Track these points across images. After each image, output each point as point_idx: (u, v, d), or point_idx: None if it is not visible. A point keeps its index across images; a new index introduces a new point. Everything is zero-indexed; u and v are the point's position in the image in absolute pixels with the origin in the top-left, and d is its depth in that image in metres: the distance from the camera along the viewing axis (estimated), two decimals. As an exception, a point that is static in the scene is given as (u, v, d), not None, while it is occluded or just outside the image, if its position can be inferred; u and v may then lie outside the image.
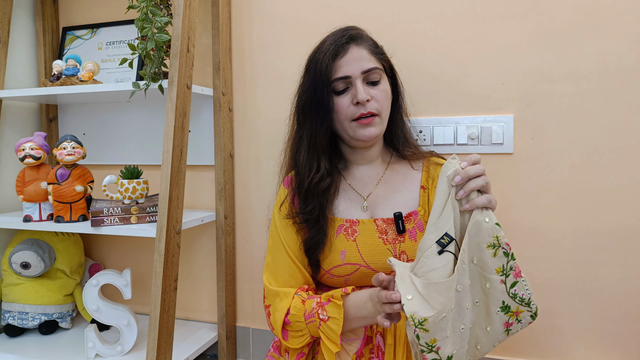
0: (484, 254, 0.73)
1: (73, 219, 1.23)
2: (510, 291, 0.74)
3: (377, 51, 0.94)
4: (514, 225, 1.14)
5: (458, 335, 0.73)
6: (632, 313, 1.08)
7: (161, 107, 1.44)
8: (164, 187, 1.09)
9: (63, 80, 1.29)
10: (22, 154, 1.25)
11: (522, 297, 0.75)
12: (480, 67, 1.14)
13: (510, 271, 0.74)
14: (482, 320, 0.76)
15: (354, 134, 0.91)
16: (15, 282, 1.35)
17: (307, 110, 0.94)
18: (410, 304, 0.69)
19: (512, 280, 0.74)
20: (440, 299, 0.70)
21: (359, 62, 0.90)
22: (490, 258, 0.73)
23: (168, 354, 1.10)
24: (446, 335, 0.71)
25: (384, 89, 0.92)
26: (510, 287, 0.74)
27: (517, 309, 0.75)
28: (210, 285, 1.44)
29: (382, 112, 0.91)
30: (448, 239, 0.72)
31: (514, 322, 0.76)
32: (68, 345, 1.31)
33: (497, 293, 0.74)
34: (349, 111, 0.90)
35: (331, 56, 0.90)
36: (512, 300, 0.75)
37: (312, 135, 0.93)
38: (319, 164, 0.93)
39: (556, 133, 1.10)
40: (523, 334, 1.15)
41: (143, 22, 1.12)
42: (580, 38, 1.07)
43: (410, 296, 0.70)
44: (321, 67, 0.90)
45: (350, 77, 0.90)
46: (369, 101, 0.89)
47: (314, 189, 0.92)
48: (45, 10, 1.51)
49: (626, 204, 1.07)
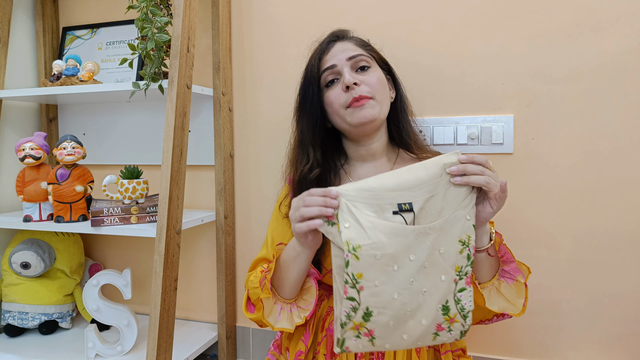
0: (453, 246, 0.72)
1: (73, 219, 1.23)
2: (457, 295, 0.73)
3: (364, 44, 0.97)
4: (514, 225, 1.14)
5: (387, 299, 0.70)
6: (632, 313, 1.08)
7: (161, 107, 1.44)
8: (164, 187, 1.09)
9: (63, 80, 1.29)
10: (22, 154, 1.25)
11: (463, 306, 0.74)
12: (480, 67, 1.14)
13: (465, 276, 0.73)
14: (421, 310, 0.72)
15: (351, 120, 0.90)
16: (15, 282, 1.35)
17: (299, 109, 0.98)
18: (347, 231, 0.69)
19: (463, 285, 0.73)
20: (380, 235, 0.69)
21: (344, 52, 0.93)
22: (457, 254, 0.73)
23: (168, 354, 1.10)
24: (374, 284, 0.69)
25: (375, 75, 0.92)
26: (458, 290, 0.73)
27: (454, 315, 0.74)
28: (210, 285, 1.44)
29: (376, 95, 0.90)
30: (408, 207, 0.71)
31: (445, 328, 0.74)
32: (68, 345, 1.31)
33: (447, 290, 0.73)
34: (342, 98, 0.90)
35: (318, 56, 0.95)
36: (454, 304, 0.73)
37: (302, 131, 0.96)
38: (308, 155, 0.94)
39: (556, 133, 1.10)
40: (523, 334, 1.15)
41: (143, 22, 1.12)
42: (580, 38, 1.07)
43: (348, 224, 0.70)
44: (310, 67, 0.95)
45: (337, 66, 0.91)
46: (358, 85, 0.89)
47: (304, 180, 0.93)
48: (45, 10, 1.51)
49: (626, 204, 1.07)
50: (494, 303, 0.83)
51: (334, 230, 0.71)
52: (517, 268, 0.83)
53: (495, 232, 0.82)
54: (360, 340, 0.72)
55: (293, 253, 0.83)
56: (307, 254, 0.82)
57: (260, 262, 0.95)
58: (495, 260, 0.83)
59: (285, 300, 0.87)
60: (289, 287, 0.85)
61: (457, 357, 0.94)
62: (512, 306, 0.83)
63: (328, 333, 0.91)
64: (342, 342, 0.72)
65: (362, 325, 0.71)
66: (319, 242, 0.80)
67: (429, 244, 0.71)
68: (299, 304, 0.87)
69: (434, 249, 0.72)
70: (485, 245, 0.80)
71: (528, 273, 0.83)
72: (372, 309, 0.70)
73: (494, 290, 0.83)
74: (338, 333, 0.72)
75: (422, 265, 0.71)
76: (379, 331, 0.71)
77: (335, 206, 0.71)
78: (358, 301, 0.69)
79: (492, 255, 0.82)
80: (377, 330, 0.71)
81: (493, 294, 0.83)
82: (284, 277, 0.85)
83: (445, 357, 0.91)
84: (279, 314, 0.86)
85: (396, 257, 0.70)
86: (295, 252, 0.82)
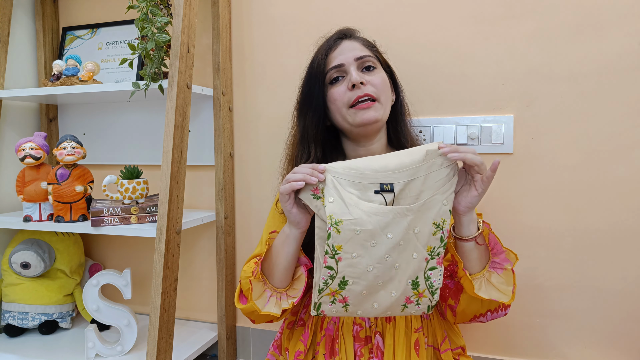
0: (427, 227, 0.76)
1: (73, 219, 1.23)
2: (427, 273, 0.78)
3: (370, 45, 0.97)
4: (513, 225, 1.14)
5: (362, 270, 0.76)
6: (632, 313, 1.08)
7: (161, 107, 1.44)
8: (164, 187, 1.09)
9: (63, 80, 1.29)
10: (22, 154, 1.25)
11: (432, 283, 0.79)
12: (480, 67, 1.14)
13: (436, 256, 0.78)
14: (392, 283, 0.78)
15: (353, 120, 0.90)
16: (15, 282, 1.35)
17: (301, 106, 0.97)
18: (331, 206, 0.74)
19: (433, 264, 0.78)
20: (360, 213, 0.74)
21: (351, 51, 0.92)
22: (430, 235, 0.77)
23: (168, 354, 1.10)
24: (352, 256, 0.74)
25: (380, 76, 0.92)
26: (428, 269, 0.78)
27: (423, 291, 0.79)
28: (210, 285, 1.44)
29: (381, 97, 0.91)
30: (389, 188, 0.76)
31: (414, 302, 0.80)
32: (68, 345, 1.31)
33: (417, 267, 0.78)
34: (346, 97, 0.90)
35: (325, 52, 0.94)
36: (424, 281, 0.79)
37: (304, 127, 0.95)
38: (309, 152, 0.94)
39: (556, 133, 1.10)
40: (523, 333, 1.15)
41: (143, 22, 1.12)
42: (580, 38, 1.07)
43: (332, 199, 0.75)
44: (316, 63, 0.94)
45: (344, 65, 0.91)
46: (365, 85, 0.89)
47: None
48: (45, 10, 1.51)
49: (626, 203, 1.07)
50: (484, 292, 0.83)
51: (319, 203, 0.77)
52: (506, 257, 0.84)
53: (483, 222, 0.83)
54: (335, 306, 0.78)
55: (283, 236, 0.85)
56: (296, 235, 0.83)
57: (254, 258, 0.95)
58: (484, 249, 0.84)
59: (276, 288, 0.87)
60: (279, 273, 0.86)
61: (457, 356, 0.94)
62: (502, 295, 0.83)
63: (327, 332, 0.91)
64: (318, 306, 0.78)
65: (337, 292, 0.77)
66: (307, 221, 0.83)
67: (406, 224, 0.76)
68: (290, 293, 0.88)
69: (410, 228, 0.76)
70: (474, 234, 0.81)
71: (515, 260, 0.84)
72: (347, 279, 0.76)
73: (485, 281, 0.84)
74: (315, 297, 0.78)
75: (398, 243, 0.76)
76: (352, 299, 0.78)
77: (322, 179, 0.76)
78: (336, 270, 0.75)
79: (481, 244, 0.83)
80: (351, 298, 0.78)
81: (484, 285, 0.84)
82: (274, 263, 0.86)
83: (445, 355, 0.91)
84: (268, 300, 0.87)
85: (374, 233, 0.74)
86: (284, 235, 0.84)
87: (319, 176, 0.76)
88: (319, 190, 0.77)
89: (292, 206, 0.80)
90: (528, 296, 1.14)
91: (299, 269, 0.88)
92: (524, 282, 1.14)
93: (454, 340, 0.96)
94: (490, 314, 0.88)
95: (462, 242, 0.82)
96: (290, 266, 0.85)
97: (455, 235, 0.83)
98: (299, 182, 0.76)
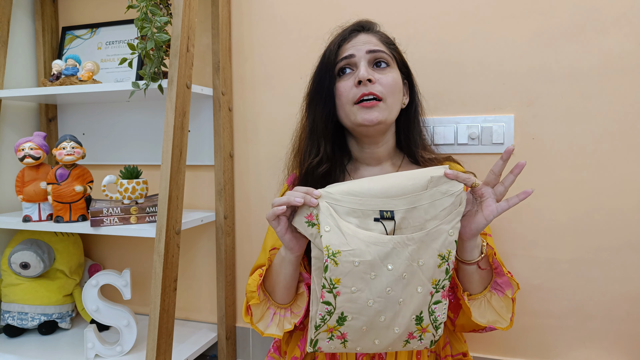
0: (432, 259, 0.72)
1: (72, 219, 1.23)
2: (431, 307, 0.74)
3: (388, 41, 0.92)
4: (514, 225, 1.14)
5: (363, 305, 0.71)
6: (632, 313, 1.08)
7: (161, 107, 1.44)
8: (164, 187, 1.09)
9: (62, 80, 1.28)
10: (22, 154, 1.25)
11: (436, 318, 0.74)
12: (480, 67, 1.14)
13: (441, 289, 0.73)
14: (396, 319, 0.73)
15: (355, 119, 0.85)
16: (15, 283, 1.35)
17: (311, 98, 0.92)
18: (328, 235, 0.69)
19: (438, 297, 0.74)
20: (359, 242, 0.69)
21: (365, 44, 0.87)
22: (435, 268, 0.72)
23: (168, 354, 1.10)
24: (351, 290, 0.69)
25: (392, 76, 0.86)
26: (433, 302, 0.74)
27: (426, 326, 0.74)
28: (210, 285, 1.44)
29: (387, 98, 0.85)
30: (390, 216, 0.71)
31: (417, 337, 0.75)
32: (67, 345, 1.31)
33: (422, 301, 0.73)
34: (351, 93, 0.85)
35: (338, 42, 0.89)
36: (428, 316, 0.74)
37: (314, 121, 0.90)
38: (318, 147, 0.89)
39: (556, 133, 1.10)
40: (523, 334, 1.15)
41: (143, 21, 1.12)
42: (580, 38, 1.07)
43: (329, 228, 0.69)
44: (328, 53, 0.89)
45: (355, 56, 0.86)
46: (372, 82, 0.84)
47: (312, 174, 0.88)
48: (44, 10, 1.51)
49: (626, 203, 1.07)
50: (484, 315, 0.81)
51: (314, 231, 0.72)
52: (508, 282, 0.82)
53: (487, 245, 0.80)
54: (332, 342, 0.73)
55: (279, 258, 0.82)
56: (291, 259, 0.80)
57: (258, 268, 0.93)
58: (486, 273, 0.82)
59: (280, 305, 0.86)
60: (280, 292, 0.84)
61: (457, 362, 0.93)
62: (501, 319, 0.81)
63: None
64: (314, 343, 0.74)
65: (335, 329, 0.72)
66: (301, 247, 0.79)
67: (407, 254, 0.71)
68: (294, 309, 0.86)
69: (413, 260, 0.71)
70: (476, 258, 0.79)
71: (517, 289, 0.82)
72: (347, 314, 0.71)
73: (485, 302, 0.82)
74: (312, 334, 0.73)
75: (401, 275, 0.71)
76: (351, 335, 0.73)
77: (314, 205, 0.71)
78: (334, 305, 0.70)
79: (483, 268, 0.80)
80: (350, 334, 0.72)
81: (484, 306, 0.82)
82: (275, 282, 0.84)
83: (444, 362, 0.90)
84: (271, 319, 0.85)
85: (374, 264, 0.70)
86: (280, 257, 0.82)
87: (312, 202, 0.71)
88: (314, 217, 0.71)
89: (285, 232, 0.75)
90: (528, 297, 1.14)
91: (301, 286, 0.86)
92: (524, 282, 1.14)
93: (456, 346, 0.94)
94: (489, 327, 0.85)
95: (464, 265, 0.80)
96: (291, 285, 0.84)
97: (457, 258, 0.80)
98: (280, 208, 0.71)
